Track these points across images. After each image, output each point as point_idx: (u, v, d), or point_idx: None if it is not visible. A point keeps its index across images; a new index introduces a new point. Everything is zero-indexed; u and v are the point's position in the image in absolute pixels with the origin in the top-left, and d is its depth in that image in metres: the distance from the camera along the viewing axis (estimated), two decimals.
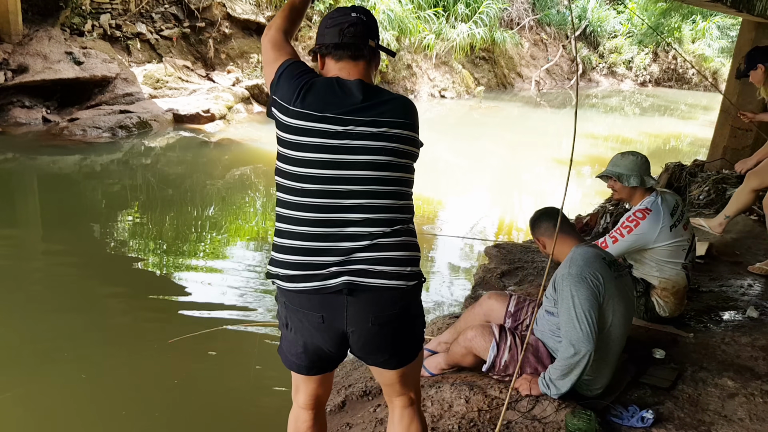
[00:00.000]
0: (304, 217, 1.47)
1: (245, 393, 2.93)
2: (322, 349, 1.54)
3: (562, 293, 2.14)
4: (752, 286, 3.50)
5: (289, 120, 1.46)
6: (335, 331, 1.50)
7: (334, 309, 1.47)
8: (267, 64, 1.60)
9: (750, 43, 5.75)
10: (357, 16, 1.53)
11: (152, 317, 3.65)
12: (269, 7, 11.84)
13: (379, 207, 1.47)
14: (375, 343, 1.53)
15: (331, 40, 1.53)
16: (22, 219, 5.49)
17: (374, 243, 1.46)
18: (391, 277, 1.47)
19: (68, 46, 8.82)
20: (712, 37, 18.48)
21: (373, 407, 2.30)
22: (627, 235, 2.73)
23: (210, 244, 5.00)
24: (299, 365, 1.59)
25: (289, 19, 1.70)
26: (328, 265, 1.45)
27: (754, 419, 2.17)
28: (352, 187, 1.45)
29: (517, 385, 2.24)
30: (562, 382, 2.12)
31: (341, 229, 1.45)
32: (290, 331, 1.55)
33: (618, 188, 2.80)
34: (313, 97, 1.45)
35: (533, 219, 2.42)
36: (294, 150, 1.46)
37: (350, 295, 1.45)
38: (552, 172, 7.89)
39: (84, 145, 7.41)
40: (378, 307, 1.48)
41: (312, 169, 1.44)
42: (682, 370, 2.48)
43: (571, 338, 2.08)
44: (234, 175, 7.01)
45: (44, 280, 4.08)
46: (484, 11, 14.08)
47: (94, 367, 3.05)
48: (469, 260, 4.92)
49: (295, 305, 1.50)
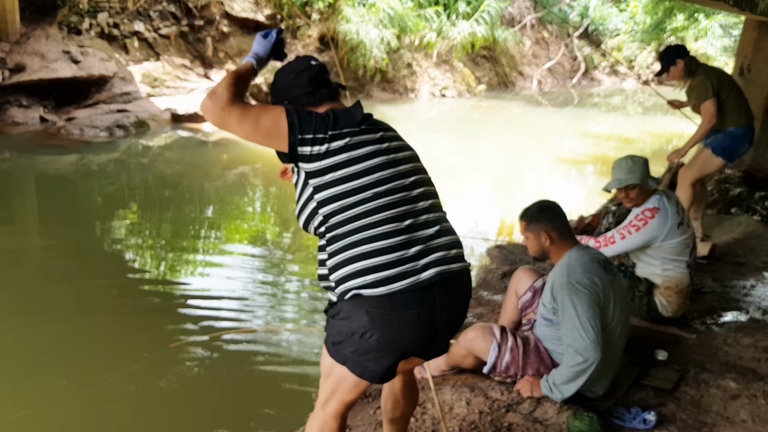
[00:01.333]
0: (383, 217, 1.48)
1: (248, 397, 2.90)
2: (406, 351, 1.51)
3: (563, 303, 2.12)
4: (755, 287, 3.48)
5: (335, 144, 1.48)
6: (430, 325, 1.50)
7: (428, 303, 1.48)
8: (254, 117, 1.49)
9: (753, 41, 5.72)
10: (318, 63, 1.62)
11: (152, 321, 3.59)
12: (268, 5, 11.82)
13: (431, 193, 1.59)
14: (455, 330, 1.61)
15: (303, 91, 1.58)
16: (18, 219, 5.48)
17: (441, 228, 1.55)
18: (462, 259, 1.59)
19: (66, 44, 8.80)
20: (715, 35, 18.44)
21: (373, 409, 2.29)
22: (635, 233, 2.74)
23: (209, 246, 4.97)
24: (373, 371, 1.52)
25: (240, 88, 1.55)
26: (416, 257, 1.48)
27: (757, 421, 2.16)
28: (412, 179, 1.54)
29: (519, 387, 2.22)
30: (567, 387, 2.11)
31: (416, 219, 1.51)
32: (370, 339, 1.48)
33: (635, 195, 2.77)
34: (343, 118, 1.52)
35: (531, 212, 2.28)
36: (353, 165, 1.48)
37: (441, 287, 1.49)
38: (554, 171, 7.87)
39: (81, 145, 7.40)
40: (463, 290, 1.59)
41: (379, 173, 1.50)
42: (684, 371, 2.47)
43: (577, 347, 2.07)
44: (232, 175, 6.99)
45: (41, 282, 4.05)
46: (486, 9, 14.03)
47: (93, 372, 2.98)
48: (470, 261, 4.89)
49: (386, 309, 1.46)
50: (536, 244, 2.26)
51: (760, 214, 4.77)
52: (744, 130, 3.75)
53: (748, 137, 3.79)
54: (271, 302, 3.91)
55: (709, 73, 3.72)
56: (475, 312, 3.16)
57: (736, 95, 3.74)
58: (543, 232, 2.22)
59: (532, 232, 2.26)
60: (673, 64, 3.68)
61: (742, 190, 5.07)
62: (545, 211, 2.26)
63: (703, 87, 3.66)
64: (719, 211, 4.91)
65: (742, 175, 5.44)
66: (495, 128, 11.24)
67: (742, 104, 3.77)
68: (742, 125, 3.73)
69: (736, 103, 3.73)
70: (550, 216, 2.25)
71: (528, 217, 2.28)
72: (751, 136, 3.81)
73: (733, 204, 4.95)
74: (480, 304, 3.28)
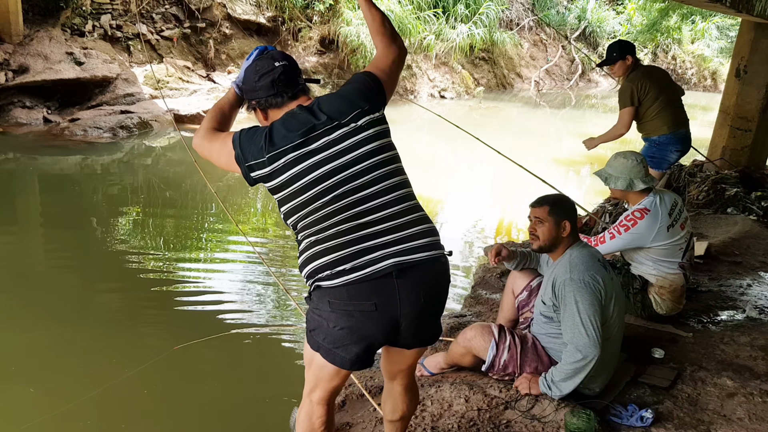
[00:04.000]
0: (337, 220, 1.54)
1: (251, 397, 2.91)
2: (372, 341, 1.57)
3: (565, 299, 2.14)
4: (751, 285, 3.51)
5: (276, 164, 1.53)
6: (389, 317, 1.54)
7: (386, 294, 1.52)
8: (217, 153, 1.62)
9: (749, 43, 5.76)
10: (282, 64, 1.62)
11: (156, 323, 3.61)
12: (269, 8, 11.85)
13: (392, 187, 1.57)
14: (425, 321, 1.60)
15: (267, 93, 1.62)
16: (22, 219, 5.49)
17: (405, 220, 1.56)
18: (432, 248, 1.57)
19: (69, 46, 8.83)
20: (712, 37, 18.47)
21: (372, 407, 2.30)
22: (624, 233, 2.74)
23: (211, 246, 5.00)
24: (344, 358, 1.59)
25: (218, 121, 1.70)
26: (372, 250, 1.52)
27: (753, 419, 2.17)
28: (366, 178, 1.55)
29: (517, 384, 2.24)
30: (565, 384, 2.13)
31: (371, 216, 1.54)
32: (337, 329, 1.56)
33: (618, 195, 2.82)
34: (278, 134, 1.54)
35: (555, 199, 2.32)
36: (298, 181, 1.54)
37: (399, 277, 1.51)
38: (552, 172, 7.89)
39: (85, 146, 7.42)
40: (427, 282, 1.56)
41: (326, 182, 1.53)
42: (681, 369, 2.49)
43: (577, 344, 2.08)
44: (234, 176, 7.01)
45: (45, 283, 4.05)
46: (484, 12, 14.09)
47: (98, 376, 2.98)
48: (468, 260, 4.93)
49: (343, 300, 1.53)
50: (553, 231, 2.24)
51: (756, 213, 4.81)
52: (667, 138, 3.81)
53: (673, 145, 3.84)
54: (274, 302, 3.94)
55: (638, 79, 3.75)
56: (474, 310, 3.19)
57: (662, 103, 3.75)
58: (565, 220, 2.23)
59: (553, 219, 2.23)
60: (623, 59, 3.70)
61: (739, 190, 5.10)
62: (569, 204, 2.31)
63: (625, 94, 3.74)
64: (716, 210, 4.94)
65: (739, 175, 5.48)
66: (493, 129, 11.27)
67: (669, 112, 3.79)
68: (664, 133, 3.79)
69: (661, 112, 3.76)
70: (573, 210, 2.29)
71: (551, 203, 2.27)
72: (677, 143, 3.84)
73: (730, 204, 4.98)
74: (479, 303, 3.31)
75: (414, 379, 1.80)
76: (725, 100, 6.07)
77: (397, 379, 1.76)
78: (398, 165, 1.62)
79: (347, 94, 1.62)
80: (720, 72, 18.29)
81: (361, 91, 1.62)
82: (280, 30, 11.90)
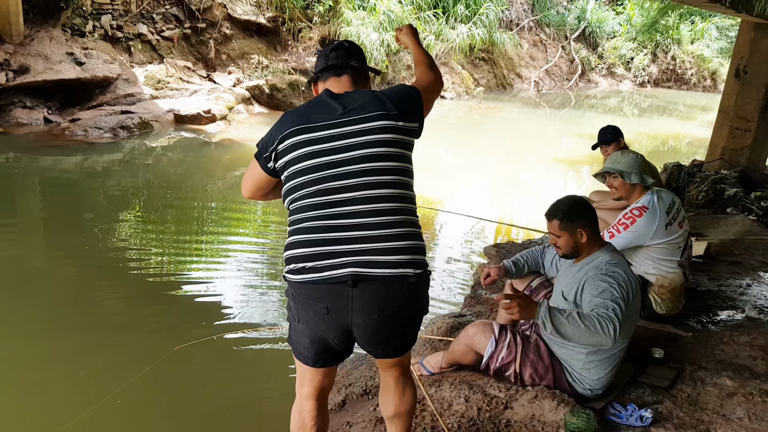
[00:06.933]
0: (314, 215, 1.57)
1: (252, 397, 2.92)
2: (327, 340, 1.60)
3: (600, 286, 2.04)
4: (751, 285, 3.52)
5: (278, 156, 1.63)
6: (340, 323, 1.55)
7: (339, 300, 1.52)
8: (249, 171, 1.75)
9: (749, 43, 5.77)
10: (338, 42, 1.78)
11: (156, 324, 3.61)
12: (270, 8, 11.86)
13: (380, 197, 1.55)
14: (381, 336, 1.58)
15: (319, 67, 1.77)
16: (22, 219, 5.50)
17: (384, 233, 1.53)
18: (400, 266, 1.52)
19: (69, 46, 8.84)
20: (711, 37, 18.50)
21: (372, 406, 2.31)
22: (623, 232, 2.75)
23: (212, 246, 5.01)
24: (306, 356, 1.65)
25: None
26: (337, 255, 1.52)
27: (753, 418, 2.17)
28: (355, 180, 1.55)
29: (506, 307, 1.93)
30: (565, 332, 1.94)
31: (347, 220, 1.54)
32: (299, 323, 1.61)
33: (618, 185, 2.81)
34: (290, 117, 1.64)
35: (565, 209, 2.18)
36: (291, 167, 1.60)
37: (355, 286, 1.50)
38: (552, 172, 7.92)
39: (85, 146, 7.43)
40: (385, 298, 1.52)
41: (313, 174, 1.57)
42: (680, 369, 2.50)
43: (600, 316, 1.95)
44: (235, 176, 7.02)
45: (45, 284, 4.05)
46: (484, 12, 14.11)
47: (101, 377, 2.98)
48: (468, 260, 4.93)
49: (302, 296, 1.56)
50: (571, 242, 2.19)
51: (756, 213, 4.82)
52: None
53: None
54: (275, 301, 3.95)
55: None
56: (474, 310, 3.20)
57: None
58: (580, 228, 2.17)
59: (567, 231, 2.18)
60: (617, 141, 3.79)
61: (738, 190, 5.11)
62: (580, 208, 2.21)
63: None
64: (715, 210, 4.95)
65: (738, 175, 5.49)
66: (493, 129, 11.29)
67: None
68: None
69: None
70: (586, 212, 2.21)
71: (562, 215, 2.19)
72: None
73: (729, 204, 4.99)
74: (479, 303, 3.31)
75: (407, 373, 1.75)
76: (725, 101, 6.09)
77: (387, 371, 1.75)
78: (398, 178, 1.58)
79: (381, 94, 1.65)
80: (719, 72, 18.31)
81: (398, 95, 1.65)
82: (280, 30, 11.92)
